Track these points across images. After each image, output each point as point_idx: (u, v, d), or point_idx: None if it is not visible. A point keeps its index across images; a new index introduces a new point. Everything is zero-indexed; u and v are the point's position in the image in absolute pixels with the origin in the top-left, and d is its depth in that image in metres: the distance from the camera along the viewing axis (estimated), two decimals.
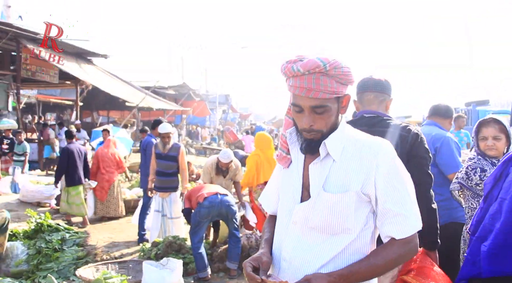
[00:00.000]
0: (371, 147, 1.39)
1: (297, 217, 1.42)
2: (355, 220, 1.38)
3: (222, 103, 36.65)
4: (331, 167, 1.39)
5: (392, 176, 1.37)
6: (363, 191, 1.36)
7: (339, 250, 1.38)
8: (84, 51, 14.42)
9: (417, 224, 1.38)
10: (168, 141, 5.72)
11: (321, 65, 1.32)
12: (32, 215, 5.23)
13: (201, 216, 4.57)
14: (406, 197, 1.37)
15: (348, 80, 1.39)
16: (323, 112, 1.37)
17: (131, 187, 9.50)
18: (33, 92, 18.19)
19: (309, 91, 1.34)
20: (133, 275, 4.25)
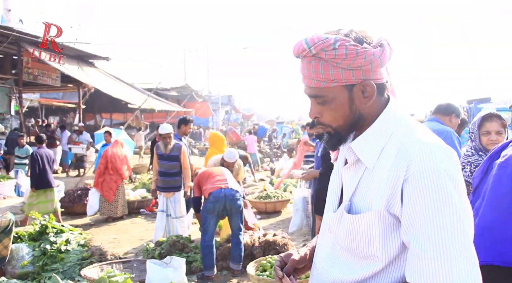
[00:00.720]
0: (408, 151, 1.02)
1: (331, 226, 1.21)
2: (382, 246, 1.06)
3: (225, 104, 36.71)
4: (362, 176, 1.11)
5: (424, 196, 0.97)
6: (390, 211, 1.04)
7: (366, 276, 1.10)
8: (86, 54, 14.48)
9: (450, 277, 0.93)
10: (169, 141, 5.75)
11: (305, 47, 1.07)
12: (36, 217, 5.26)
13: (207, 210, 4.58)
14: (438, 232, 0.95)
15: (353, 65, 1.06)
16: (323, 103, 1.12)
17: (135, 188, 9.55)
18: (35, 96, 18.28)
19: (304, 78, 1.13)
20: (137, 274, 4.28)
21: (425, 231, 0.97)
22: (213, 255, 4.61)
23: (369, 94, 1.11)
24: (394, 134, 1.08)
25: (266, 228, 6.48)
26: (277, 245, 4.84)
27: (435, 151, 1.02)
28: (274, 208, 7.77)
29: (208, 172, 4.95)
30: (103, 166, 7.42)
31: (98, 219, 7.62)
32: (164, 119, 20.23)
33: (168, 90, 23.23)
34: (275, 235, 5.04)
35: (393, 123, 1.11)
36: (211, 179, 4.76)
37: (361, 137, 1.13)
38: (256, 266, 4.16)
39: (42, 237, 5.02)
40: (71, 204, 7.87)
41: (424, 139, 1.05)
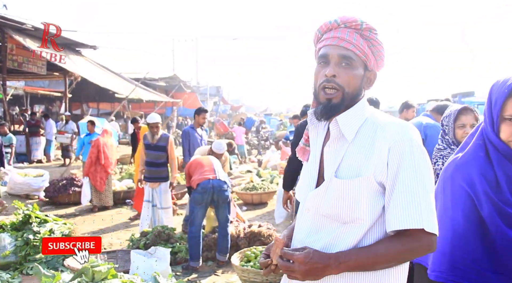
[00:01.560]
0: (386, 129, 1.28)
1: (309, 204, 1.36)
2: (367, 209, 1.27)
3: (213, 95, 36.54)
4: (346, 150, 1.31)
5: (405, 163, 1.24)
6: (376, 179, 1.26)
7: (351, 240, 1.28)
8: (73, 42, 14.26)
9: (422, 221, 1.21)
10: (157, 131, 5.71)
11: (358, 21, 1.32)
12: (19, 206, 5.19)
13: (196, 201, 4.57)
14: (417, 189, 1.23)
15: (379, 53, 1.36)
16: (348, 66, 1.31)
17: (121, 178, 9.49)
18: (20, 84, 17.97)
19: (341, 40, 1.32)
20: (121, 265, 4.26)
21: (404, 188, 1.24)
22: (199, 246, 4.62)
23: (371, 82, 1.40)
24: (368, 119, 1.33)
25: (252, 219, 6.51)
26: (262, 236, 4.86)
27: (406, 128, 1.29)
28: (260, 200, 7.80)
29: (197, 161, 4.92)
30: (94, 155, 7.36)
31: (83, 209, 7.57)
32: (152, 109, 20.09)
33: (156, 80, 23.02)
34: (260, 226, 5.07)
35: (367, 111, 1.35)
36: (199, 169, 4.74)
37: (345, 114, 1.34)
38: (241, 257, 4.19)
39: (25, 226, 4.96)
40: (55, 194, 7.79)
41: (396, 121, 1.32)
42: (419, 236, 1.23)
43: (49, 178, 8.29)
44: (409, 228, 1.22)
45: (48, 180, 8.19)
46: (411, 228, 1.22)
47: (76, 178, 8.20)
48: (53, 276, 2.82)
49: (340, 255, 1.25)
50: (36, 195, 8.17)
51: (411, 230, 1.23)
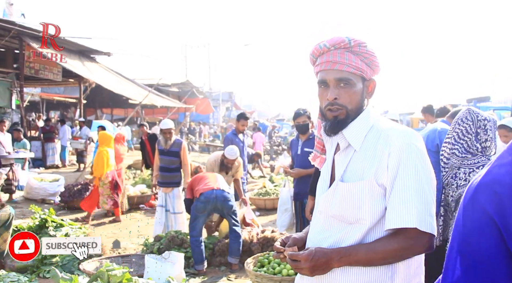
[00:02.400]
0: (388, 135, 1.37)
1: (321, 206, 1.48)
2: (369, 210, 1.36)
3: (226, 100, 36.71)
4: (352, 157, 1.41)
5: (403, 166, 1.32)
6: (378, 181, 1.35)
7: (355, 239, 1.37)
8: (87, 49, 14.48)
9: (415, 220, 1.28)
10: (170, 137, 5.77)
11: (346, 40, 1.40)
12: (36, 211, 5.28)
13: (198, 210, 4.63)
14: (412, 190, 1.31)
15: (373, 63, 1.44)
16: (347, 86, 1.40)
17: (135, 183, 9.57)
18: (36, 90, 18.30)
19: (334, 64, 1.41)
20: (136, 269, 4.30)
21: (400, 189, 1.31)
22: (202, 249, 4.66)
23: (371, 91, 1.48)
24: (373, 126, 1.42)
25: (265, 224, 6.51)
26: (275, 241, 4.85)
27: (406, 133, 1.37)
28: (273, 205, 7.78)
29: (201, 176, 5.06)
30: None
31: (97, 213, 7.65)
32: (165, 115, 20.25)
33: (169, 86, 23.22)
34: (273, 231, 5.07)
35: (371, 119, 1.44)
36: (204, 180, 4.86)
37: (350, 126, 1.43)
38: (254, 262, 4.19)
39: (41, 230, 5.05)
40: (70, 199, 7.89)
41: (398, 127, 1.41)
42: (414, 235, 1.30)
43: (64, 183, 8.41)
44: (403, 227, 1.29)
45: (64, 185, 8.31)
46: (405, 227, 1.29)
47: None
48: (71, 279, 2.87)
49: (341, 251, 1.35)
50: (51, 199, 8.28)
51: (407, 229, 1.30)
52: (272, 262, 4.05)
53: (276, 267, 3.92)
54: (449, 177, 2.48)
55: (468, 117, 2.55)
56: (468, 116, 2.55)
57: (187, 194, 4.95)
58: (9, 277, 3.83)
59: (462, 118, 2.55)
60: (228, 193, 4.77)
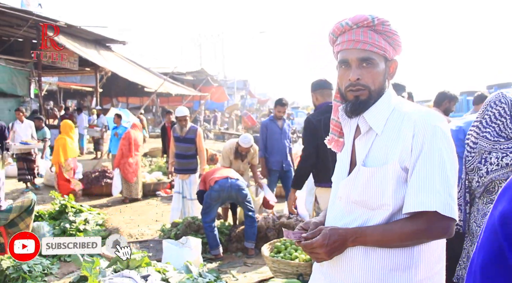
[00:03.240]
0: (411, 117, 1.31)
1: (342, 192, 1.43)
2: (393, 196, 1.31)
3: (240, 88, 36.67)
4: (374, 141, 1.36)
5: (426, 148, 1.27)
6: (401, 165, 1.29)
7: (377, 223, 1.33)
8: (103, 38, 14.57)
9: (436, 203, 1.23)
10: (185, 124, 5.81)
11: (369, 18, 1.35)
12: (56, 196, 5.39)
13: (212, 198, 4.67)
14: (434, 172, 1.25)
15: (396, 42, 1.39)
16: (370, 66, 1.35)
17: (151, 171, 9.67)
18: (54, 80, 18.53)
19: (357, 43, 1.35)
20: (154, 254, 4.37)
21: (421, 171, 1.26)
22: (215, 234, 4.71)
23: (393, 72, 1.43)
24: (395, 109, 1.37)
25: (281, 211, 6.53)
26: (291, 227, 4.87)
27: (431, 115, 1.32)
28: None
29: (215, 169, 5.17)
30: (125, 147, 7.55)
31: (115, 200, 7.77)
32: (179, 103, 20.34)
33: (184, 74, 23.28)
34: (289, 217, 5.08)
35: (393, 101, 1.39)
36: (217, 171, 4.94)
37: (371, 109, 1.38)
38: (271, 248, 4.21)
39: (61, 216, 5.16)
40: (88, 186, 8.04)
41: (421, 109, 1.36)
42: (434, 218, 1.25)
43: (82, 170, 8.54)
44: (422, 210, 1.24)
45: (82, 172, 8.44)
46: (425, 210, 1.24)
47: (107, 170, 8.42)
48: (93, 261, 2.93)
49: (357, 230, 1.32)
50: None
51: (426, 212, 1.25)
52: (289, 247, 4.07)
53: (293, 253, 3.93)
54: (476, 162, 2.39)
55: (502, 100, 2.44)
56: (502, 99, 2.44)
57: (200, 186, 4.99)
58: (32, 260, 3.93)
59: (495, 101, 2.44)
60: (242, 182, 4.83)
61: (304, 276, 3.67)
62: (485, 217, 2.22)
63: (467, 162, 2.43)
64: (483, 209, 2.30)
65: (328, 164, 3.36)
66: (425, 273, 1.32)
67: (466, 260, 2.36)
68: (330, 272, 1.43)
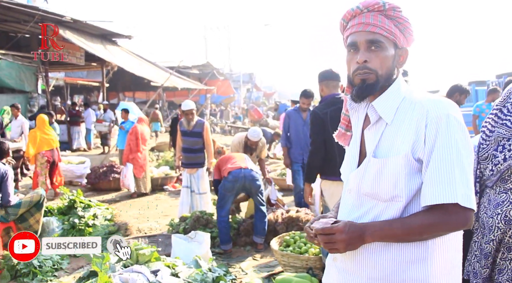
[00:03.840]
0: (424, 106, 1.27)
1: (351, 184, 1.40)
2: (405, 187, 1.27)
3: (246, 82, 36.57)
4: (384, 131, 1.33)
5: (441, 138, 1.23)
6: (414, 156, 1.26)
7: (391, 217, 1.30)
8: (109, 33, 14.54)
9: (457, 195, 1.20)
10: (192, 118, 5.78)
11: (380, 2, 1.33)
12: (65, 192, 5.41)
13: (226, 189, 4.64)
14: (452, 163, 1.22)
15: (407, 30, 1.36)
16: (378, 49, 1.33)
17: (158, 165, 9.69)
18: (60, 75, 18.58)
19: (366, 25, 1.34)
20: (163, 248, 4.37)
21: (439, 162, 1.23)
22: (228, 229, 4.70)
23: (403, 60, 1.39)
24: (406, 98, 1.33)
25: (288, 204, 6.50)
26: (300, 221, 4.85)
27: (443, 103, 1.28)
28: None
29: (228, 156, 5.08)
30: (133, 142, 7.56)
31: (123, 195, 7.80)
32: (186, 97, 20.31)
33: (190, 68, 23.23)
34: (298, 211, 5.05)
35: (403, 90, 1.36)
36: (231, 160, 4.87)
37: (381, 98, 1.35)
38: (280, 242, 4.20)
39: (70, 211, 5.18)
40: (96, 180, 8.07)
41: (433, 97, 1.31)
42: (454, 210, 1.22)
43: (90, 165, 8.58)
44: (443, 203, 1.21)
45: (89, 167, 8.48)
46: (445, 203, 1.21)
47: (115, 165, 8.44)
48: (103, 256, 2.93)
49: (375, 224, 1.29)
50: (79, 181, 8.47)
51: (446, 204, 1.22)
52: (298, 241, 4.05)
53: (302, 247, 3.92)
54: (491, 149, 2.32)
55: None
56: None
57: (214, 175, 4.97)
58: (42, 255, 3.95)
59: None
60: (256, 172, 4.78)
61: (314, 270, 3.66)
62: (498, 207, 2.16)
63: (481, 150, 2.37)
64: (496, 199, 2.23)
65: (334, 157, 3.34)
66: (442, 266, 1.30)
67: (479, 253, 2.31)
68: (344, 267, 1.41)
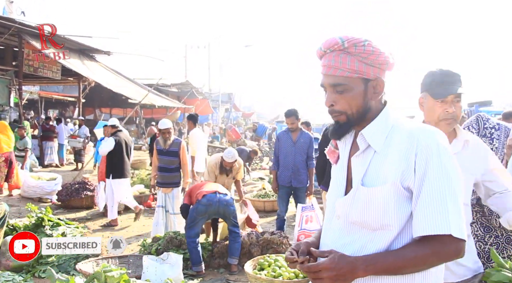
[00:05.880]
0: (413, 134, 1.26)
1: (339, 211, 1.37)
2: (395, 216, 1.26)
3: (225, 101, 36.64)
4: (372, 159, 1.32)
5: (431, 167, 1.22)
6: (403, 184, 1.25)
7: (381, 246, 1.27)
8: (87, 48, 14.41)
9: (450, 226, 1.20)
10: (169, 137, 5.71)
11: (339, 42, 1.32)
12: (33, 209, 5.20)
13: (198, 212, 4.56)
14: (443, 192, 1.21)
15: (375, 61, 1.32)
16: (343, 91, 1.33)
17: (133, 183, 9.48)
18: (35, 89, 18.21)
19: (328, 68, 1.34)
20: (133, 270, 4.23)
21: (431, 192, 1.22)
22: (199, 251, 4.59)
23: (379, 90, 1.36)
24: (394, 126, 1.33)
25: (264, 226, 6.44)
26: (275, 244, 4.79)
27: (432, 132, 1.28)
28: (272, 207, 7.72)
29: (202, 183, 5.08)
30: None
31: (95, 213, 7.57)
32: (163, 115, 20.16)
33: (169, 86, 23.15)
34: (273, 233, 5.00)
35: (391, 119, 1.35)
36: (205, 186, 4.83)
37: (370, 126, 1.35)
38: (254, 265, 4.12)
39: (38, 229, 4.96)
40: (67, 198, 7.81)
41: (423, 127, 1.31)
42: (447, 241, 1.21)
43: (62, 181, 8.32)
44: (436, 234, 1.21)
45: (61, 183, 8.22)
46: (438, 234, 1.21)
47: (88, 182, 8.21)
48: (67, 280, 2.79)
49: (367, 258, 1.24)
50: (48, 198, 8.20)
51: (439, 235, 1.21)
52: (272, 265, 3.98)
53: (276, 270, 3.85)
54: None
55: (475, 125, 2.43)
56: (475, 124, 2.43)
57: (185, 200, 4.88)
58: (3, 277, 3.76)
59: (469, 126, 2.43)
60: (230, 198, 4.75)
61: None
62: None
63: None
64: None
65: None
66: None
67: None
68: None
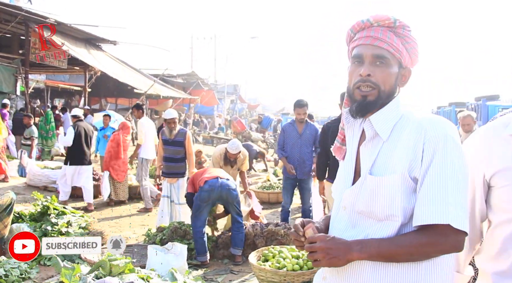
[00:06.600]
0: (422, 125, 1.26)
1: (346, 201, 1.36)
2: (401, 206, 1.25)
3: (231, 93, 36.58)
4: (381, 149, 1.31)
5: (437, 158, 1.22)
6: (411, 175, 1.24)
7: (386, 235, 1.27)
8: (93, 37, 14.39)
9: (449, 216, 1.18)
10: (174, 127, 5.70)
11: (392, 19, 1.33)
12: (38, 197, 5.22)
13: (202, 199, 4.54)
14: (446, 183, 1.20)
15: (413, 50, 1.35)
16: (383, 65, 1.32)
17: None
18: (41, 78, 18.22)
19: (374, 39, 1.33)
20: (138, 259, 4.25)
21: (433, 182, 1.21)
22: (204, 241, 4.59)
23: (405, 80, 1.39)
24: (404, 116, 1.32)
25: (269, 218, 6.44)
26: (279, 235, 4.79)
27: (442, 123, 1.27)
28: (277, 199, 7.72)
29: (204, 169, 5.04)
30: (114, 149, 7.40)
31: (100, 202, 7.60)
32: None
33: (175, 77, 23.12)
34: (277, 225, 4.99)
35: (401, 108, 1.35)
36: (207, 171, 4.82)
37: (379, 113, 1.33)
38: (258, 256, 4.11)
39: (43, 218, 4.98)
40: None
41: (432, 117, 1.30)
42: (446, 232, 1.20)
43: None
44: (434, 223, 1.19)
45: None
46: (437, 223, 1.19)
47: (93, 171, 8.23)
48: (73, 268, 2.80)
49: (362, 241, 1.26)
50: (54, 187, 8.23)
51: (437, 225, 1.20)
52: (277, 256, 3.98)
53: (280, 262, 3.84)
54: None
55: None
56: None
57: (188, 188, 4.87)
58: (9, 264, 3.78)
59: None
60: (232, 182, 4.71)
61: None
62: None
63: None
64: None
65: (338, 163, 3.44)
66: None
67: None
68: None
